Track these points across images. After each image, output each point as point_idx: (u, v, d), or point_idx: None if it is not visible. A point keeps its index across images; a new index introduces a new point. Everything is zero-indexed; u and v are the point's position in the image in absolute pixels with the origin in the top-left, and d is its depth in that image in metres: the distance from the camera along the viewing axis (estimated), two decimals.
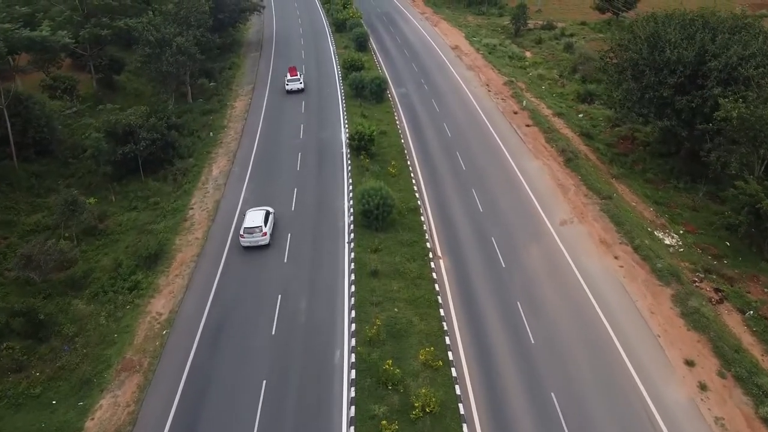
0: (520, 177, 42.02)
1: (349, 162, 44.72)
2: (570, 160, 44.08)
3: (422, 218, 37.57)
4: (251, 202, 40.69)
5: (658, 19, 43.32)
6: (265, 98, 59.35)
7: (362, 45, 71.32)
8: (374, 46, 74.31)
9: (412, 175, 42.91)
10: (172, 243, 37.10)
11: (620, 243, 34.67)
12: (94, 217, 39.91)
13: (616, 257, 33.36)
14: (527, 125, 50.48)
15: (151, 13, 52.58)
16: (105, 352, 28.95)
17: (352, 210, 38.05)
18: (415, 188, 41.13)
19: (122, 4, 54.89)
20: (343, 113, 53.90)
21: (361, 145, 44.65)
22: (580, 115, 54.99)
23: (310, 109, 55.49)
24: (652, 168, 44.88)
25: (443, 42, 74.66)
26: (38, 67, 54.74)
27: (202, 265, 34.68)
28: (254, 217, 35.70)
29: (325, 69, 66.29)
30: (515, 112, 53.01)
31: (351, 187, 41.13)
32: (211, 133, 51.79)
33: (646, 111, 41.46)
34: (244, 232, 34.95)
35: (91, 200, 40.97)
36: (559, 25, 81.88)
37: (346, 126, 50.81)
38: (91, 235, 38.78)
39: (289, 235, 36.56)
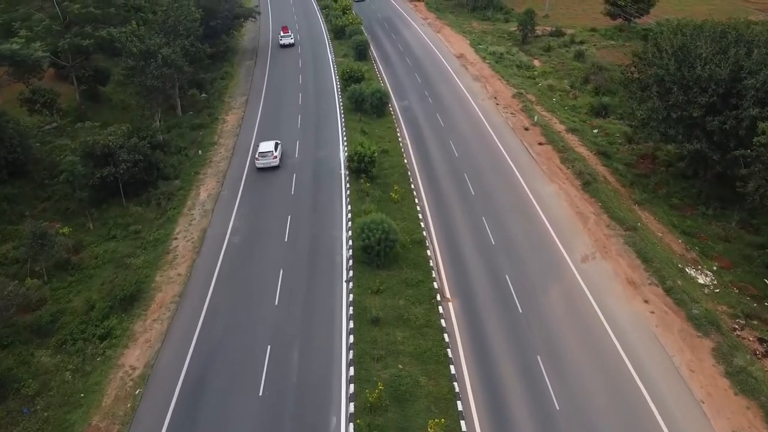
0: (535, 203, 38.44)
1: (348, 185, 41.16)
2: (588, 183, 40.50)
3: (428, 252, 33.99)
4: (240, 232, 37.21)
5: (686, 31, 39.66)
6: (259, 111, 55.81)
7: (362, 53, 67.79)
8: (375, 54, 70.77)
9: (416, 200, 39.34)
10: (152, 280, 33.55)
11: (650, 284, 31.07)
12: (68, 248, 36.40)
13: (646, 301, 29.75)
14: (540, 143, 46.90)
15: (135, 22, 48.95)
16: (69, 417, 25.40)
17: (351, 243, 34.51)
18: (420, 216, 37.55)
19: (106, 13, 51.30)
20: (341, 129, 50.35)
21: (360, 167, 41.09)
22: (595, 131, 51.45)
23: (307, 124, 51.93)
24: (676, 192, 41.33)
25: (447, 50, 71.10)
26: (17, 79, 51.24)
27: (183, 308, 31.12)
28: (267, 146, 45.27)
29: (323, 79, 62.73)
30: (526, 128, 49.44)
31: (350, 215, 37.58)
32: (199, 152, 48.24)
33: (673, 132, 37.91)
34: (259, 156, 44.68)
35: (65, 230, 37.42)
36: (569, 31, 78.32)
37: (345, 144, 47.27)
38: (63, 270, 35.27)
39: (281, 271, 33.01)
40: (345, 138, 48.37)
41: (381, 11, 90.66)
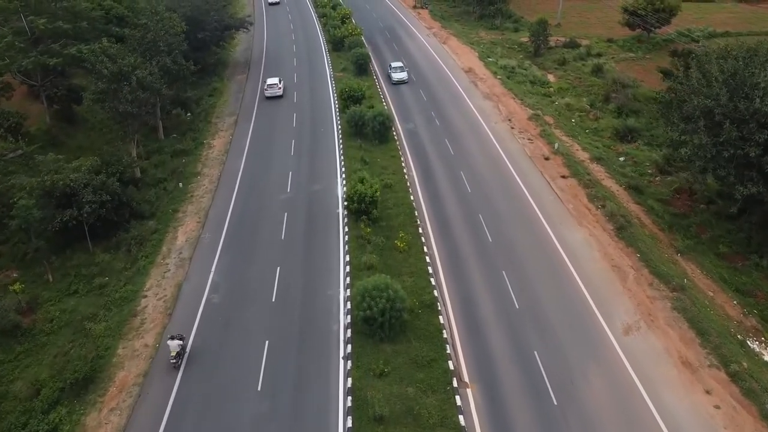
0: (563, 254, 33.17)
1: (346, 229, 35.90)
2: (622, 228, 35.26)
3: (441, 319, 28.72)
4: (221, 289, 32.00)
5: (737, 55, 34.34)
6: (249, 135, 50.52)
7: (362, 68, 62.51)
8: (376, 68, 65.43)
9: (425, 249, 34.07)
10: (114, 353, 28.31)
11: (709, 365, 25.81)
12: (20, 308, 31.19)
13: (708, 392, 24.49)
14: (563, 176, 41.63)
15: (106, 40, 43.63)
16: None
17: (349, 305, 29.25)
18: (430, 270, 32.28)
19: (78, 28, 46.09)
20: (339, 157, 45.08)
21: (361, 208, 35.84)
22: (622, 159, 46.17)
23: (302, 152, 46.65)
24: (722, 236, 36.01)
25: (454, 63, 65.80)
26: None
27: (147, 395, 25.86)
28: (273, 80, 58.56)
29: (320, 98, 57.44)
30: (546, 158, 44.15)
31: (348, 269, 32.33)
32: (180, 184, 42.96)
33: (724, 173, 32.61)
34: (267, 87, 57.79)
35: (17, 287, 32.13)
36: (584, 42, 73.00)
37: (343, 175, 42.04)
38: (11, 336, 30.03)
39: (267, 344, 27.80)
40: (343, 169, 43.12)
41: (382, 20, 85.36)
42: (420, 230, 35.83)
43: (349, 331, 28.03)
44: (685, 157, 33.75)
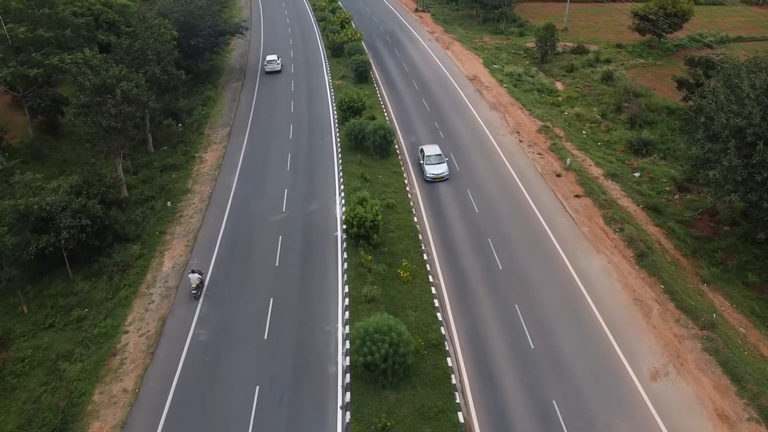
0: (580, 286, 30.57)
1: (345, 255, 33.30)
2: (643, 255, 32.67)
3: (449, 361, 26.13)
4: (209, 323, 29.43)
5: None
6: (243, 148, 47.92)
7: (363, 76, 59.92)
8: (377, 75, 62.84)
9: (430, 278, 31.46)
10: (89, 399, 25.71)
11: (748, 419, 23.23)
12: None
13: None
14: (576, 195, 39.03)
15: (88, 50, 41.02)
16: None
17: (348, 346, 26.66)
18: (436, 302, 29.69)
19: (61, 35, 43.46)
20: (338, 174, 42.48)
21: (360, 233, 33.23)
22: (637, 174, 43.56)
23: (298, 167, 44.04)
24: (750, 263, 33.38)
25: (458, 70, 63.22)
26: None
27: None
28: (272, 57, 63.45)
29: (318, 107, 54.84)
30: (558, 175, 41.54)
31: (348, 301, 29.74)
32: (168, 203, 40.35)
33: (756, 197, 29.99)
34: (267, 63, 62.95)
35: None
36: (592, 48, 70.51)
37: (342, 194, 39.46)
38: None
39: (257, 389, 25.21)
40: (342, 186, 40.53)
41: (383, 24, 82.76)
42: (425, 256, 33.24)
43: (348, 375, 25.45)
44: (712, 179, 31.11)
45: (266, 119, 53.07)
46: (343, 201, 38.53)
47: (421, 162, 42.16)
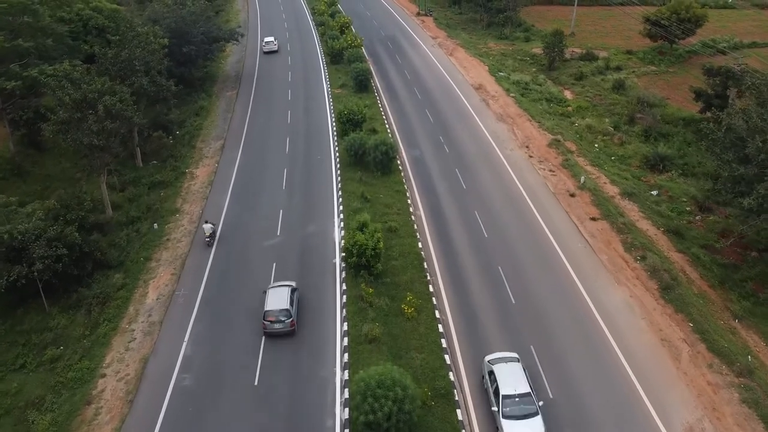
0: (601, 323, 27.94)
1: (344, 287, 30.66)
2: (669, 288, 30.05)
3: (459, 414, 23.50)
4: (194, 366, 26.81)
5: None
6: (237, 163, 45.30)
7: (363, 84, 57.25)
8: (378, 83, 60.20)
9: (437, 313, 28.84)
10: None
11: None
12: None
13: None
14: (592, 218, 36.40)
15: (68, 62, 38.40)
16: None
17: (347, 395, 24.02)
18: (444, 343, 27.06)
19: (42, 45, 40.85)
20: (337, 193, 39.85)
21: (361, 262, 30.59)
22: (654, 193, 40.91)
23: (294, 185, 41.43)
24: None
25: (463, 78, 60.58)
26: None
27: None
28: (269, 38, 68.81)
29: (316, 118, 52.19)
30: (572, 194, 38.92)
31: (347, 341, 27.11)
32: (155, 225, 37.74)
33: None
34: (264, 44, 67.93)
35: None
36: (601, 54, 67.82)
37: (341, 215, 36.86)
38: None
39: None
40: (341, 207, 37.91)
41: (384, 28, 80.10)
42: (430, 287, 30.59)
43: (347, 431, 22.81)
44: (746, 207, 28.47)
45: (261, 131, 50.45)
46: (342, 223, 35.93)
47: (488, 389, 23.89)
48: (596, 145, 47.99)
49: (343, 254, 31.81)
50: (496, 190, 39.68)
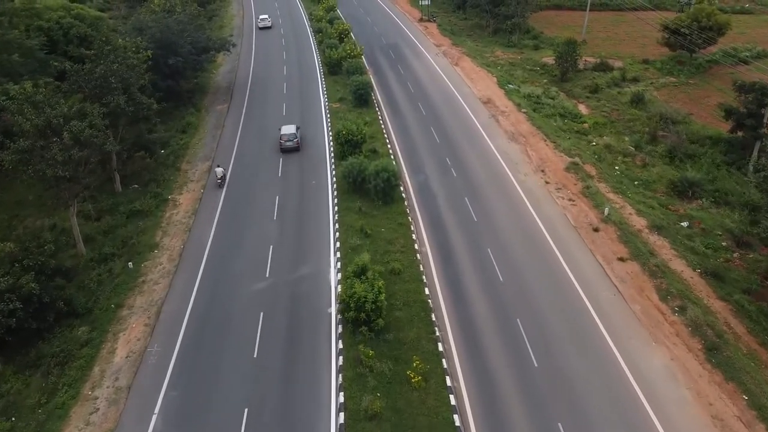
0: (639, 393, 23.94)
1: (340, 345, 26.69)
2: (714, 349, 26.09)
3: None
4: None
5: None
6: (225, 188, 41.33)
7: (363, 99, 53.23)
8: (379, 96, 56.21)
9: (448, 380, 24.83)
10: None
11: None
12: None
13: None
14: (620, 258, 32.39)
15: (29, 84, 34.45)
16: None
17: None
18: (458, 421, 23.05)
19: (7, 61, 36.94)
20: (333, 225, 35.89)
21: (359, 317, 26.63)
22: (685, 224, 36.91)
23: (286, 215, 37.48)
24: None
25: (470, 91, 56.60)
26: None
27: None
28: (263, 16, 77.15)
29: (312, 138, 48.11)
30: (596, 229, 34.92)
31: (343, 417, 23.14)
32: (130, 264, 33.75)
33: None
34: (259, 20, 76.43)
35: None
36: (616, 64, 63.88)
37: (338, 253, 32.92)
38: None
39: None
40: (338, 242, 33.95)
41: (385, 35, 76.07)
42: (440, 347, 26.60)
43: None
44: None
45: (253, 151, 46.47)
46: (338, 263, 32.00)
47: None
48: (617, 168, 43.97)
49: (340, 304, 27.82)
50: (511, 223, 35.67)
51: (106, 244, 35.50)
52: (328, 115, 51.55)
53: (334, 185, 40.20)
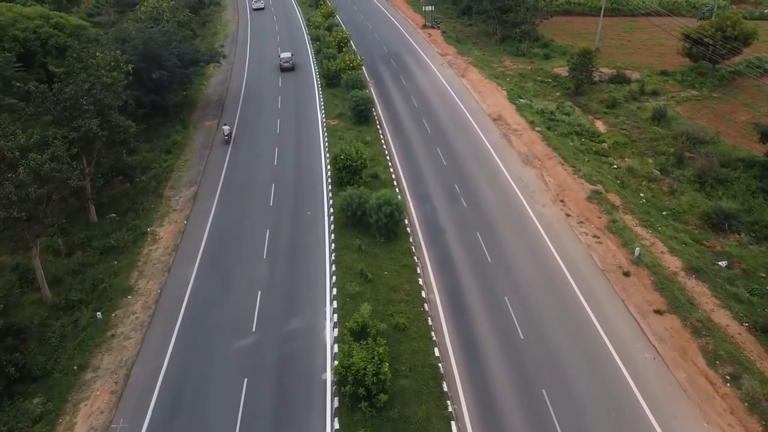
0: None
1: (336, 425, 22.68)
2: None
3: None
4: None
5: None
6: (210, 218, 37.41)
7: (363, 115, 49.26)
8: (380, 112, 52.25)
9: None
10: None
11: None
12: None
13: None
14: (657, 310, 28.35)
15: None
16: None
17: None
18: None
19: None
20: (330, 267, 31.90)
21: (358, 392, 22.63)
22: (723, 264, 32.94)
23: (278, 252, 33.49)
24: None
25: (478, 106, 52.62)
26: None
27: None
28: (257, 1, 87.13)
29: (307, 161, 44.09)
30: (626, 273, 30.89)
31: None
32: (98, 314, 29.74)
33: None
34: (254, 2, 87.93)
35: None
36: (633, 76, 59.89)
37: (334, 301, 28.96)
38: None
39: None
40: (334, 288, 29.96)
41: (387, 44, 72.06)
42: (454, 427, 22.58)
43: None
44: None
45: (243, 175, 42.50)
46: (335, 315, 28.04)
47: None
48: (642, 195, 39.99)
49: (336, 376, 23.82)
50: (530, 265, 31.65)
51: (75, 288, 31.50)
52: (326, 134, 47.57)
53: (331, 218, 36.20)
